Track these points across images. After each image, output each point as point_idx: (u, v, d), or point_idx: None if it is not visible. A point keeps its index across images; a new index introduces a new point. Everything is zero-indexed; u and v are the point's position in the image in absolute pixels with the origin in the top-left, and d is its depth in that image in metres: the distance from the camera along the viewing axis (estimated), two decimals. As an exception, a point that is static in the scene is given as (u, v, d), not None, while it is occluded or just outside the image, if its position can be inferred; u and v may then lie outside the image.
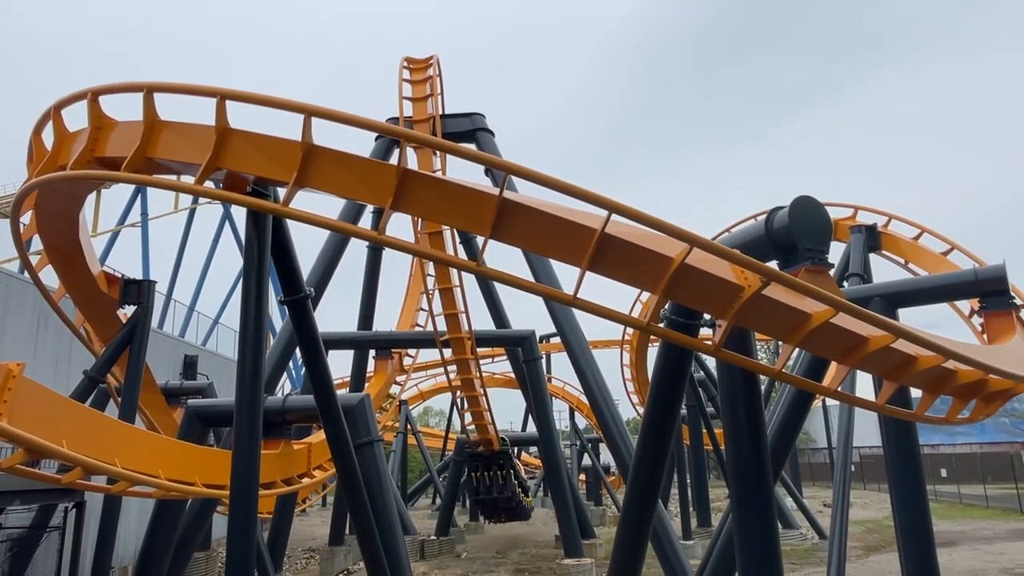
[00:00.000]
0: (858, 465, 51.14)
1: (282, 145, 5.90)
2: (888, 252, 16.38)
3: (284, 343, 14.49)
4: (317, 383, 8.58)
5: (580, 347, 15.98)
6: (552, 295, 5.88)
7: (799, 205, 6.19)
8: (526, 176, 5.35)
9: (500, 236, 5.46)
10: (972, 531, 27.55)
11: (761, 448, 6.39)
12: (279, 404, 10.43)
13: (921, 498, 8.81)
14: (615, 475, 38.96)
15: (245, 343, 7.10)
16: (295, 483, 11.01)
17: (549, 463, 18.09)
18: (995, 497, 38.59)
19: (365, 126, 5.89)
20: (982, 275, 8.86)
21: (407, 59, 17.78)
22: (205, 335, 33.79)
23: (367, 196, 5.90)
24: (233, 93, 5.87)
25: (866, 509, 34.88)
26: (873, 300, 8.70)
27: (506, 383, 38.90)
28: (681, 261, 5.02)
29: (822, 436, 56.34)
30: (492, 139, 18.02)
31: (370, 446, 9.97)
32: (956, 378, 5.80)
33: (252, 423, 7.00)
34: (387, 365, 21.80)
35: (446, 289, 18.15)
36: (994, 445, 54.71)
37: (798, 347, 5.45)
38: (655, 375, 7.35)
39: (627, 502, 7.85)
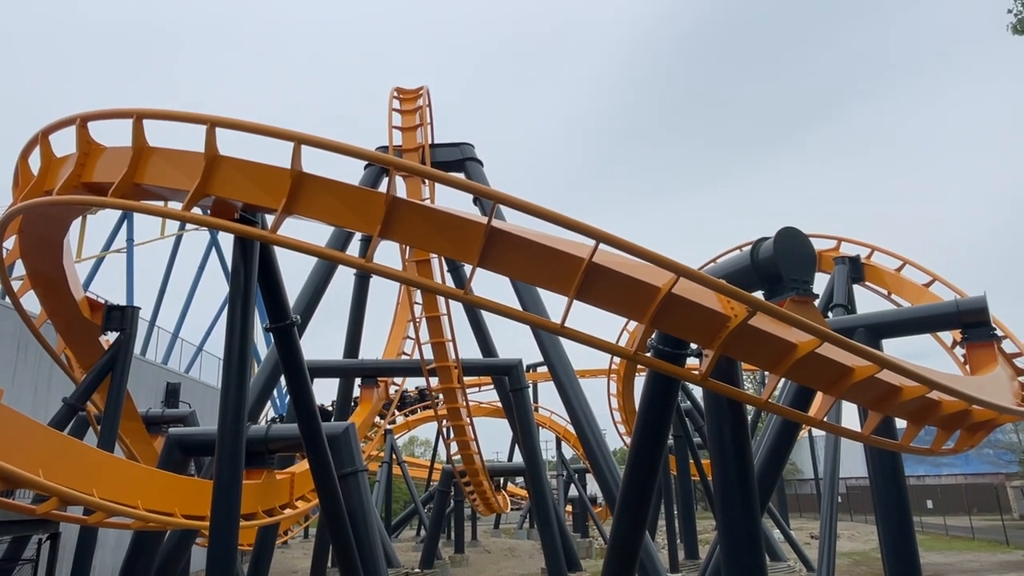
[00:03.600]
0: (845, 496, 51.00)
1: (271, 172, 5.92)
2: (871, 283, 16.55)
3: (269, 371, 14.34)
4: (302, 412, 8.48)
5: (567, 376, 15.93)
6: (539, 324, 5.88)
7: (784, 236, 6.27)
8: (513, 205, 5.39)
9: (488, 265, 5.48)
10: (959, 563, 27.45)
11: (748, 478, 6.37)
12: (262, 433, 10.28)
13: (908, 530, 8.79)
14: (602, 506, 38.59)
15: (229, 371, 7.03)
16: (277, 514, 10.80)
17: (536, 494, 17.90)
18: (981, 529, 38.56)
19: (354, 154, 5.92)
20: (964, 307, 8.98)
21: (397, 89, 17.96)
22: (189, 362, 33.39)
23: (355, 224, 5.92)
24: (223, 120, 5.90)
25: (853, 541, 34.71)
26: (857, 331, 8.78)
27: (492, 412, 38.64)
28: (668, 291, 5.05)
29: (809, 467, 56.19)
30: (481, 168, 18.16)
31: (354, 476, 9.84)
32: (940, 409, 5.84)
33: (234, 452, 6.89)
34: (373, 394, 21.62)
35: (433, 317, 18.10)
36: (979, 476, 54.89)
37: (784, 377, 5.47)
38: (642, 404, 7.34)
39: (614, 533, 7.77)
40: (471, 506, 31.99)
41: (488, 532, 44.88)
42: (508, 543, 38.25)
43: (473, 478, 24.76)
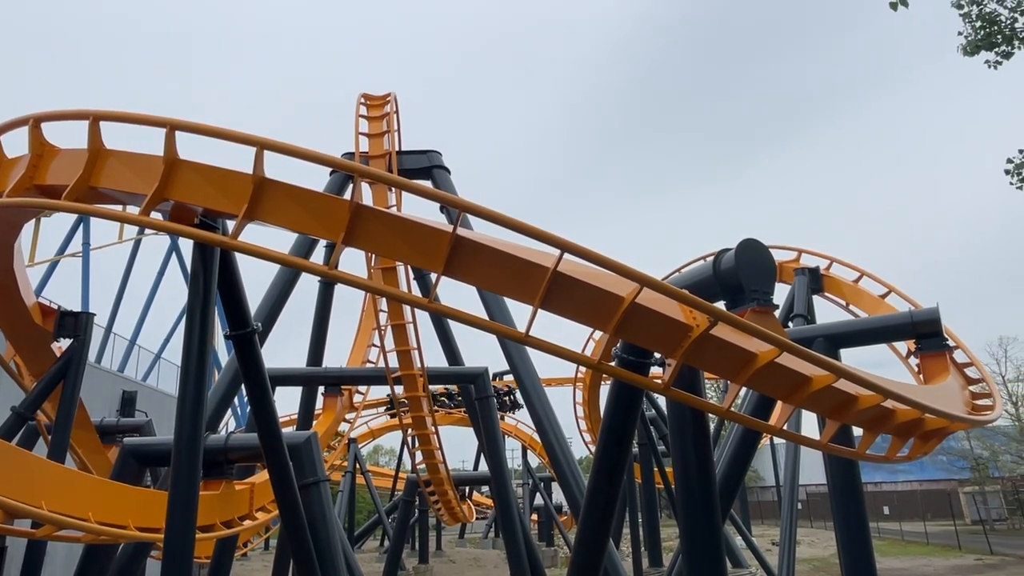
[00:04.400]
0: (805, 503, 51.94)
1: (232, 177, 5.82)
2: (830, 294, 16.92)
3: (229, 379, 14.03)
4: (262, 421, 8.32)
5: (533, 385, 15.93)
6: (504, 333, 5.88)
7: (745, 248, 6.38)
8: (479, 214, 5.39)
9: (453, 273, 5.46)
10: (914, 568, 28.12)
11: (710, 486, 6.44)
12: (221, 443, 10.05)
13: (864, 536, 8.97)
14: (567, 515, 38.62)
15: (187, 379, 6.86)
16: (236, 525, 10.56)
17: (501, 503, 17.82)
18: (935, 534, 39.57)
19: (319, 161, 5.85)
20: (917, 317, 9.23)
21: (364, 95, 17.85)
22: (146, 370, 32.55)
23: (319, 231, 5.84)
24: (183, 124, 5.79)
25: (813, 547, 35.32)
26: (816, 340, 8.96)
27: (458, 421, 38.46)
28: (631, 300, 5.09)
29: (771, 474, 57.10)
30: (448, 176, 18.11)
31: (316, 486, 9.66)
32: (895, 417, 5.98)
33: (191, 462, 6.72)
34: (336, 402, 21.34)
35: (399, 325, 17.97)
36: (933, 483, 56.37)
37: (744, 386, 5.55)
38: (606, 413, 7.37)
39: (578, 541, 7.78)
40: (436, 516, 31.74)
41: (453, 542, 44.57)
42: (473, 553, 38.05)
43: (438, 487, 24.59)
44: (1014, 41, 12.05)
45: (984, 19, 12.09)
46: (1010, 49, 12.14)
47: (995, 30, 12.05)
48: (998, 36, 12.06)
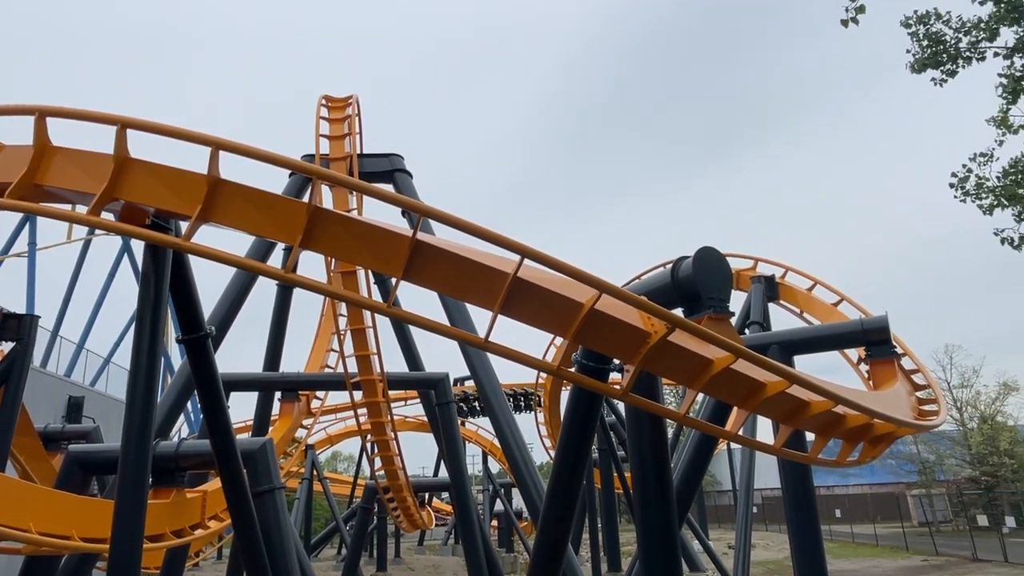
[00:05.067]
0: (761, 507, 52.93)
1: (186, 177, 5.67)
2: (785, 302, 17.30)
3: (181, 384, 13.67)
4: (215, 427, 8.12)
5: (493, 390, 15.91)
6: (463, 338, 5.84)
7: (703, 256, 6.48)
8: (440, 218, 5.35)
9: (412, 278, 5.41)
10: (863, 569, 28.86)
11: (667, 491, 6.50)
12: (172, 449, 9.80)
13: (816, 538, 9.17)
14: (528, 520, 38.62)
15: (136, 383, 6.66)
16: (187, 535, 10.28)
17: (460, 509, 17.73)
18: (884, 536, 40.71)
19: (276, 162, 5.74)
20: (867, 325, 9.50)
21: (325, 97, 17.64)
22: (95, 375, 31.55)
23: (275, 233, 5.73)
24: (134, 122, 5.62)
25: (768, 550, 35.97)
26: (771, 347, 9.15)
27: (419, 427, 38.18)
28: (591, 307, 5.11)
29: (728, 479, 58.01)
30: (410, 180, 18.02)
31: (271, 494, 9.47)
32: (845, 422, 6.12)
33: (139, 469, 6.52)
34: (293, 408, 20.96)
35: (358, 330, 17.76)
36: (882, 486, 58.03)
37: (701, 392, 5.61)
38: (566, 418, 7.38)
39: (537, 547, 7.77)
40: (395, 523, 31.42)
41: (412, 549, 44.18)
42: (432, 560, 37.76)
43: (397, 494, 24.34)
44: (958, 60, 12.52)
45: (930, 38, 12.54)
46: (954, 68, 12.61)
47: (941, 49, 12.51)
48: (943, 55, 12.53)
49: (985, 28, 12.27)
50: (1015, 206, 12.48)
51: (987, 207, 12.85)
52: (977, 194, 12.98)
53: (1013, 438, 44.50)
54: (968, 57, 12.54)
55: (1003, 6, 11.94)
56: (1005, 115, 12.75)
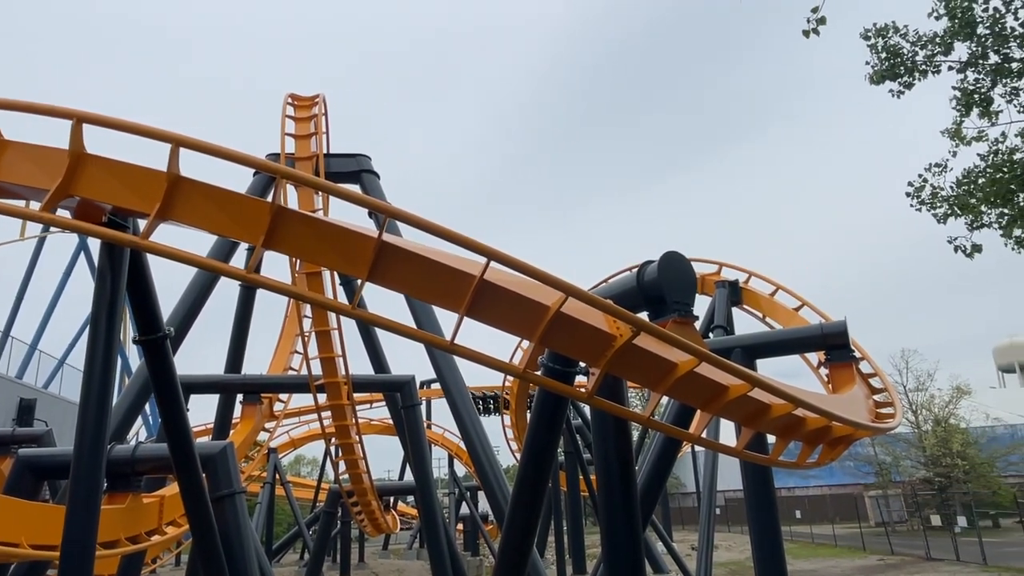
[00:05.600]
0: (724, 508, 53.64)
1: (144, 174, 5.53)
2: (748, 307, 17.57)
3: (139, 386, 13.33)
4: (173, 431, 7.93)
5: (460, 393, 15.86)
6: (429, 340, 5.80)
7: (668, 260, 6.54)
8: (406, 220, 5.31)
9: (378, 279, 5.35)
10: (822, 569, 29.45)
11: (631, 493, 6.54)
12: (128, 453, 9.54)
13: (776, 539, 9.32)
14: (493, 524, 38.57)
15: (90, 385, 6.48)
16: (143, 540, 10.02)
17: (425, 513, 17.60)
18: (842, 536, 41.60)
19: (240, 160, 5.63)
20: (827, 330, 9.69)
21: (291, 95, 17.42)
22: (48, 377, 30.61)
23: (237, 233, 5.62)
24: (91, 116, 5.46)
25: (731, 551, 36.46)
26: (734, 351, 9.29)
27: (384, 430, 37.86)
28: (557, 310, 5.12)
29: (692, 481, 58.70)
30: (377, 181, 17.88)
31: (231, 498, 9.28)
32: (805, 425, 6.23)
33: (92, 474, 6.34)
34: (255, 411, 20.60)
35: (323, 332, 17.55)
36: (841, 487, 59.28)
37: (665, 395, 5.66)
38: (532, 421, 7.39)
39: (502, 549, 7.75)
40: (359, 527, 31.09)
41: (376, 554, 43.74)
42: (397, 564, 37.44)
43: (361, 498, 24.08)
44: (915, 73, 12.88)
45: (889, 51, 12.88)
46: (911, 80, 12.97)
47: (898, 62, 12.86)
48: (901, 68, 12.88)
49: (940, 43, 12.65)
50: (967, 215, 12.86)
51: (941, 216, 13.22)
52: (932, 203, 13.36)
53: (965, 440, 45.85)
54: (924, 70, 12.91)
55: (957, 22, 12.33)
56: (959, 127, 13.15)
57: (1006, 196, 12.25)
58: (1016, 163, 12.37)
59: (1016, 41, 12.20)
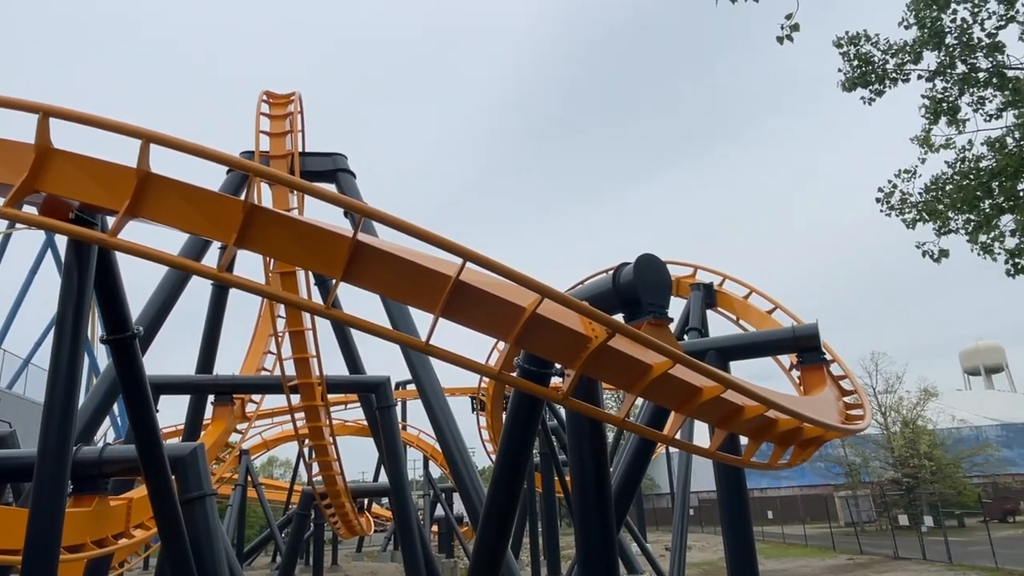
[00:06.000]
0: (697, 509, 54.10)
1: (113, 170, 5.41)
2: (722, 309, 17.74)
3: (107, 387, 13.05)
4: (141, 432, 7.78)
5: (435, 394, 15.78)
6: (404, 341, 5.76)
7: (643, 262, 6.57)
8: (381, 220, 5.27)
9: (352, 280, 5.30)
10: (793, 569, 29.82)
11: (605, 494, 6.56)
12: (95, 455, 9.34)
13: (748, 539, 9.41)
14: (468, 525, 38.47)
15: (55, 385, 6.33)
16: (109, 544, 9.82)
17: (400, 515, 17.50)
18: (813, 536, 42.19)
19: (212, 158, 5.53)
20: (799, 332, 9.81)
21: (267, 93, 17.22)
22: (12, 377, 29.89)
23: (209, 231, 5.53)
24: (58, 110, 5.34)
25: (704, 551, 36.76)
26: (708, 353, 9.36)
27: (358, 431, 37.57)
28: (532, 311, 5.12)
29: (666, 482, 59.13)
30: (353, 181, 17.73)
31: (201, 501, 9.13)
32: (777, 426, 6.30)
33: (56, 476, 6.19)
34: (227, 412, 20.30)
35: (297, 332, 17.36)
36: (812, 488, 60.12)
37: (640, 396, 5.69)
38: (507, 423, 7.38)
39: (476, 550, 7.73)
40: (332, 529, 30.80)
41: (350, 556, 43.40)
42: (370, 566, 37.20)
43: (335, 500, 23.86)
44: (886, 81, 13.12)
45: (860, 59, 13.10)
46: (882, 88, 13.21)
47: (869, 70, 13.08)
48: (872, 75, 13.11)
49: (910, 51, 12.91)
50: (935, 221, 13.13)
51: (910, 221, 13.48)
52: (901, 209, 13.62)
53: (932, 441, 46.78)
54: (894, 78, 13.16)
55: (926, 31, 12.59)
56: (927, 134, 13.42)
57: (972, 203, 12.53)
58: (982, 171, 12.66)
59: (982, 52, 12.48)
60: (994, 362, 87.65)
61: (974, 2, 12.27)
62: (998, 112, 12.76)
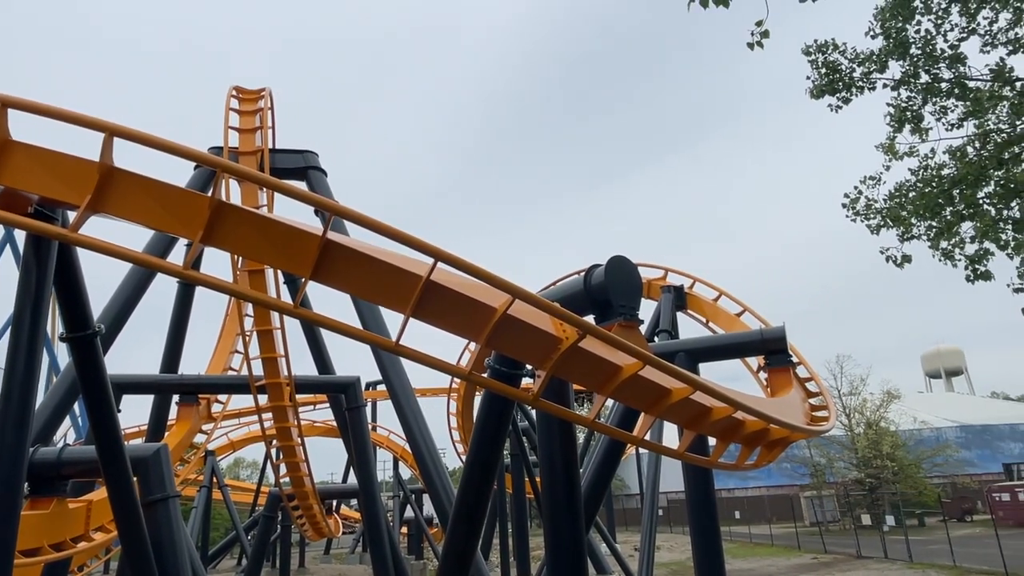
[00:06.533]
0: (666, 510, 54.60)
1: (75, 164, 5.26)
2: (692, 311, 17.94)
3: (67, 386, 12.71)
4: (101, 432, 7.59)
5: (405, 395, 15.67)
6: (374, 341, 5.70)
7: (614, 264, 6.61)
8: (352, 218, 5.20)
9: (322, 278, 5.23)
10: (759, 568, 30.25)
11: (575, 495, 6.57)
12: (54, 456, 9.10)
13: (715, 539, 9.50)
14: (438, 527, 38.31)
15: (11, 384, 6.14)
16: (68, 547, 9.58)
17: (369, 516, 17.35)
18: (779, 536, 42.85)
19: (178, 152, 5.41)
20: (767, 335, 9.95)
21: (236, 88, 16.95)
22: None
23: (174, 228, 5.40)
24: (16, 101, 5.18)
25: (672, 552, 37.11)
26: (678, 355, 9.44)
27: (327, 432, 37.19)
28: (503, 312, 5.10)
29: (635, 482, 59.52)
30: (324, 179, 17.54)
31: (163, 503, 8.94)
32: (744, 427, 6.37)
33: (12, 478, 6.01)
34: (192, 412, 19.93)
35: (265, 331, 17.12)
36: (779, 488, 61.08)
37: (610, 397, 5.70)
38: (477, 423, 7.36)
39: (445, 552, 7.69)
40: (300, 531, 30.43)
41: (318, 558, 42.90)
42: (338, 569, 36.85)
43: (302, 502, 23.58)
44: (852, 89, 13.38)
45: (828, 67, 13.35)
46: (848, 96, 13.47)
47: (837, 78, 13.33)
48: (839, 83, 13.36)
49: (876, 60, 13.18)
50: (899, 227, 13.42)
51: (875, 227, 13.77)
52: (866, 215, 13.90)
53: (894, 442, 47.85)
54: (861, 86, 13.43)
55: (892, 41, 12.87)
56: (892, 142, 13.72)
57: (934, 209, 12.83)
58: (944, 178, 12.98)
59: (945, 62, 12.80)
60: (954, 365, 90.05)
61: (937, 14, 12.58)
62: (959, 122, 13.09)
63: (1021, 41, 12.20)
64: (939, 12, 12.53)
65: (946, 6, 12.44)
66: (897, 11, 12.59)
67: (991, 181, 12.54)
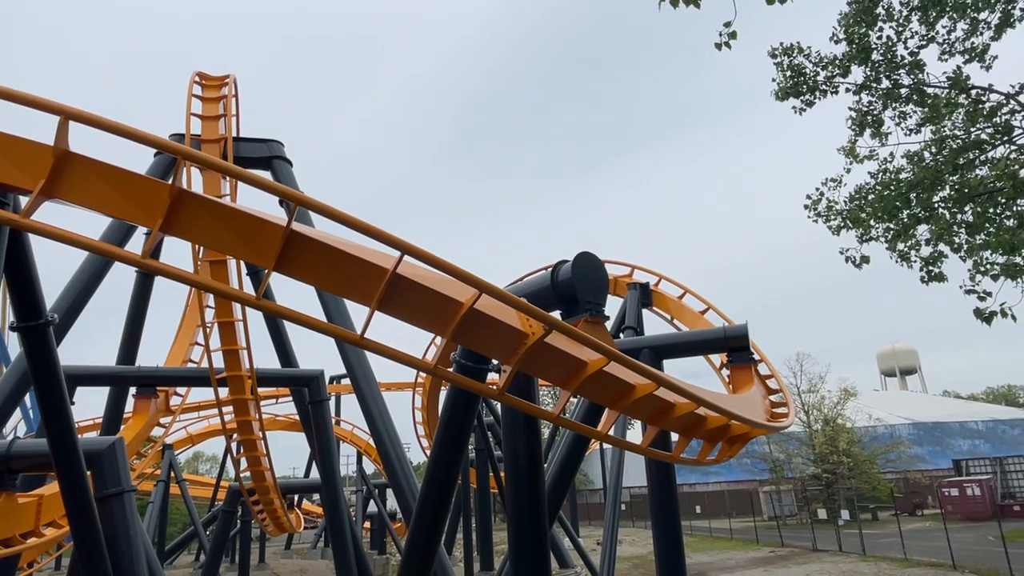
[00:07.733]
0: (629, 504, 55.26)
1: (28, 148, 5.07)
2: (658, 308, 18.14)
3: (17, 377, 12.31)
4: (53, 425, 7.36)
5: (370, 389, 15.54)
6: (338, 334, 5.62)
7: (581, 260, 6.63)
8: (318, 209, 5.11)
9: (285, 270, 5.13)
10: (718, 561, 30.81)
11: (539, 490, 6.60)
12: (3, 449, 8.81)
13: (676, 533, 9.64)
14: (402, 522, 38.17)
15: (-42, 376, 5.92)
16: (17, 543, 9.29)
17: (331, 511, 17.17)
18: (738, 530, 43.70)
19: (137, 138, 5.25)
20: (729, 333, 10.10)
21: (199, 74, 16.57)
22: (-88, 365, 27.92)
23: (132, 215, 5.24)
24: (-35, 80, 4.98)
25: (634, 546, 37.58)
26: (643, 351, 9.54)
27: (290, 426, 36.73)
28: (470, 306, 5.08)
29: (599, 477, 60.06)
30: (290, 169, 17.26)
31: (118, 497, 8.72)
32: (706, 423, 6.46)
33: (-42, 474, 5.79)
34: (150, 405, 19.47)
35: (227, 323, 16.80)
36: (739, 483, 62.26)
37: (575, 393, 5.73)
38: (442, 417, 7.32)
39: (408, 546, 7.65)
40: (260, 526, 30.02)
41: (278, 554, 42.43)
42: (299, 564, 36.47)
43: (263, 496, 23.25)
44: (816, 92, 13.65)
45: (793, 70, 13.58)
46: (812, 99, 13.74)
47: (801, 81, 13.58)
48: (804, 86, 13.61)
49: (839, 65, 13.46)
50: (858, 229, 13.75)
51: (835, 228, 14.08)
52: (827, 216, 14.20)
53: (850, 439, 49.14)
54: (824, 90, 13.70)
55: (854, 47, 13.15)
56: (853, 145, 14.04)
57: (892, 212, 13.17)
58: (902, 182, 13.32)
59: (905, 69, 13.12)
60: (908, 364, 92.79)
61: (899, 21, 12.88)
62: (917, 127, 13.44)
63: (977, 50, 12.56)
64: (900, 20, 12.84)
65: (907, 14, 12.75)
66: (860, 17, 12.87)
67: (946, 186, 12.91)
